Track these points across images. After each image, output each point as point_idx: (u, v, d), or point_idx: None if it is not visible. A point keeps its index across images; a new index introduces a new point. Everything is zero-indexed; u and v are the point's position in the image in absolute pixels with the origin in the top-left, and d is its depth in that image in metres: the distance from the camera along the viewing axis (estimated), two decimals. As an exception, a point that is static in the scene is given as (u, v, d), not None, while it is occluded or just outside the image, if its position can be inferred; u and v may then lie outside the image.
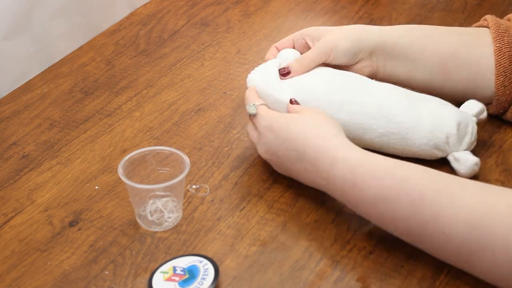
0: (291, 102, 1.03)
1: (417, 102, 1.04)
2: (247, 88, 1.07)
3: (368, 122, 1.02)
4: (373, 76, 1.10)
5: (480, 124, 1.06)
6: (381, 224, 0.90)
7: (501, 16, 1.14)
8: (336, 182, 0.91)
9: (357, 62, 1.08)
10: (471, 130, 1.03)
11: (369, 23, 1.39)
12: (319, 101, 1.03)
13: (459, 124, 1.02)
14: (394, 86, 1.06)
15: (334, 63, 1.08)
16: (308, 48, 1.09)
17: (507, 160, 1.06)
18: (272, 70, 1.06)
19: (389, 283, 0.89)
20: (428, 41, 1.10)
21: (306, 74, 1.06)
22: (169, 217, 0.96)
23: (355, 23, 1.37)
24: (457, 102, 1.06)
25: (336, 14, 1.43)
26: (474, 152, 1.04)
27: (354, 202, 0.91)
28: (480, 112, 1.05)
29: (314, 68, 1.07)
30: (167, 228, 0.96)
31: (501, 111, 1.10)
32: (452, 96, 1.11)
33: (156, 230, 0.96)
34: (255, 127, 1.01)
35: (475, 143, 1.04)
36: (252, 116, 1.01)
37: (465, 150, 1.03)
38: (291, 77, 1.06)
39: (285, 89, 1.04)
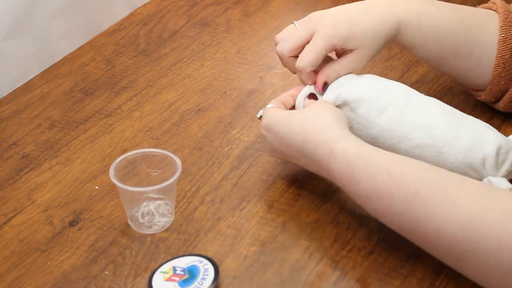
0: (309, 97, 1.02)
1: (461, 120, 0.99)
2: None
3: (405, 130, 0.97)
4: None
5: None
6: (377, 217, 0.89)
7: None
8: (334, 175, 0.91)
9: None
10: None
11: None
12: (360, 103, 1.00)
13: (499, 148, 0.96)
14: (441, 103, 1.01)
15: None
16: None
17: (507, 160, 1.06)
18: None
19: (389, 283, 0.89)
20: (433, 34, 1.05)
21: (353, 76, 1.02)
22: (159, 221, 0.96)
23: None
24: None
25: (336, 14, 1.43)
26: None
27: (352, 195, 0.91)
28: None
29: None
30: (157, 232, 0.96)
31: (493, 99, 1.10)
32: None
33: (147, 232, 0.96)
34: None
35: None
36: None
37: (503, 177, 0.96)
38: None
39: (329, 89, 1.02)
